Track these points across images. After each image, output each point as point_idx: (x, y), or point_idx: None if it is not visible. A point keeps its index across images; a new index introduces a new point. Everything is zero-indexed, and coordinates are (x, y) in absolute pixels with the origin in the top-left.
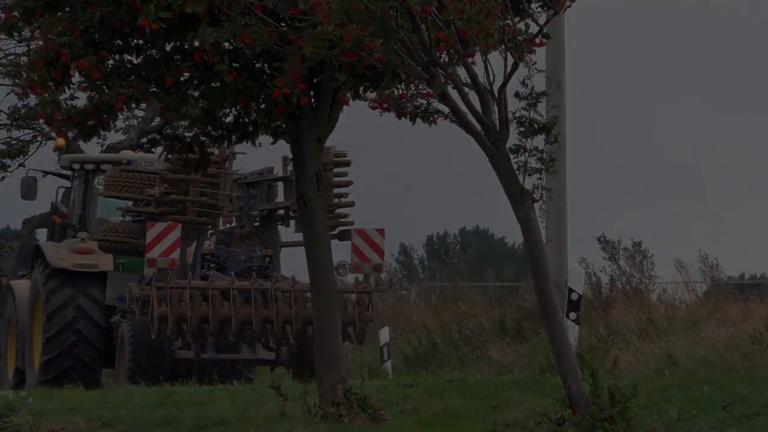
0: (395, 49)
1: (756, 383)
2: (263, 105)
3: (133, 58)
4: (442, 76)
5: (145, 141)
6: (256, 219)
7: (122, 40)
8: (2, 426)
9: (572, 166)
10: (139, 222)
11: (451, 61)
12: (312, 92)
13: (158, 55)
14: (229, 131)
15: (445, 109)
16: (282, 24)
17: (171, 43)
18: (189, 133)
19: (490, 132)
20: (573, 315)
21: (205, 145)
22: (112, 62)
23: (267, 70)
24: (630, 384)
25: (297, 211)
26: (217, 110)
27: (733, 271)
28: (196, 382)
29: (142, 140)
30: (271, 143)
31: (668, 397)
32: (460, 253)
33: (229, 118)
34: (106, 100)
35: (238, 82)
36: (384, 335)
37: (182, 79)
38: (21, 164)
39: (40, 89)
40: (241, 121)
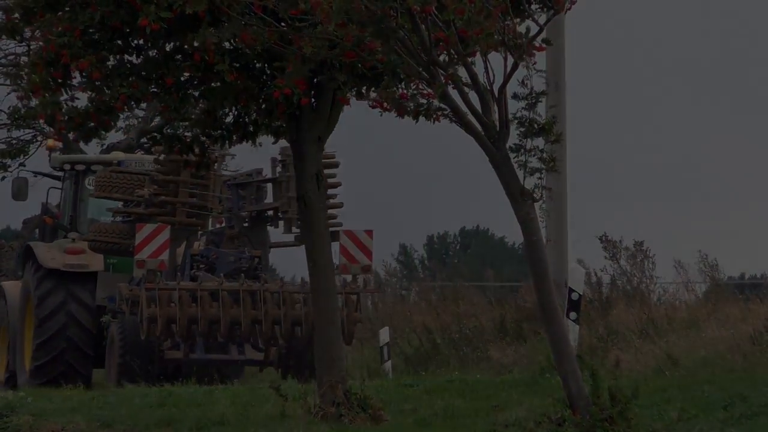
0: (395, 49)
1: (756, 383)
2: (264, 105)
3: (134, 58)
4: (442, 77)
5: (145, 141)
6: (245, 220)
7: (122, 40)
8: (2, 426)
9: (572, 166)
10: (129, 223)
11: (451, 61)
12: (312, 92)
13: (158, 55)
14: (230, 131)
15: (446, 108)
16: (282, 24)
17: (171, 43)
18: (189, 132)
19: (490, 132)
20: (573, 315)
21: (205, 145)
22: (112, 62)
23: (267, 70)
24: (630, 384)
25: (286, 212)
26: (218, 110)
27: (733, 271)
28: (196, 383)
29: (142, 140)
30: (272, 143)
31: (668, 398)
32: (460, 253)
33: (229, 118)
34: (107, 100)
35: (238, 82)
36: (384, 335)
37: (182, 79)
38: (21, 164)
39: (42, 91)
40: (242, 121)
